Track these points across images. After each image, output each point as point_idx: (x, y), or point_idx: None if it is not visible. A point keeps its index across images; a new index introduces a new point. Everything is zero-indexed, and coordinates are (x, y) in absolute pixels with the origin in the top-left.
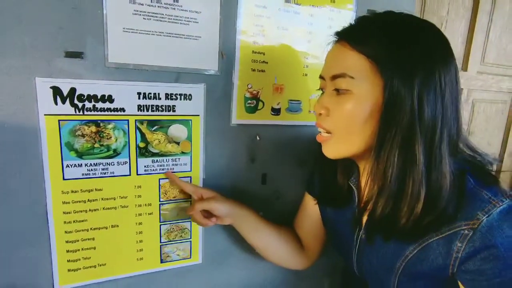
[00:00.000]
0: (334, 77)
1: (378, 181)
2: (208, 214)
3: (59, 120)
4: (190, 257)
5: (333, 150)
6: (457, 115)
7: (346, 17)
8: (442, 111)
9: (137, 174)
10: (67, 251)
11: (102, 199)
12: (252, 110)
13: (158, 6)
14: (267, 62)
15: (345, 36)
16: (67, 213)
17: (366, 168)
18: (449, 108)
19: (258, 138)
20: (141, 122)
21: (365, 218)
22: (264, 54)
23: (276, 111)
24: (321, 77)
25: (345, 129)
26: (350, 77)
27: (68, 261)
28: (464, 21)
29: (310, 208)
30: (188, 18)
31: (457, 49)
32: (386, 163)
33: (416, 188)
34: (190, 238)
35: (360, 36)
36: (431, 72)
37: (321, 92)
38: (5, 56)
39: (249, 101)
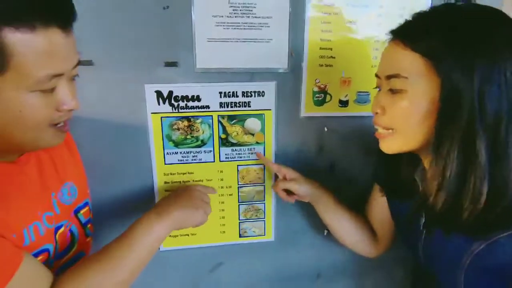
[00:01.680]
0: (389, 77)
1: (437, 178)
2: (290, 191)
3: (161, 117)
4: (264, 235)
5: (390, 146)
6: None
7: (421, 5)
8: (507, 106)
9: (220, 161)
10: None
11: (193, 180)
12: (320, 103)
13: (235, 16)
14: (334, 57)
15: (398, 35)
16: (168, 190)
17: (430, 158)
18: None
19: (326, 129)
20: (223, 117)
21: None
22: (331, 50)
23: (343, 103)
24: (376, 75)
25: (402, 127)
26: (404, 77)
27: None
28: None
29: (379, 197)
30: (260, 23)
31: None
32: (445, 161)
33: (478, 185)
34: (264, 218)
35: (413, 33)
36: (494, 64)
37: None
38: (123, 69)
39: (317, 95)
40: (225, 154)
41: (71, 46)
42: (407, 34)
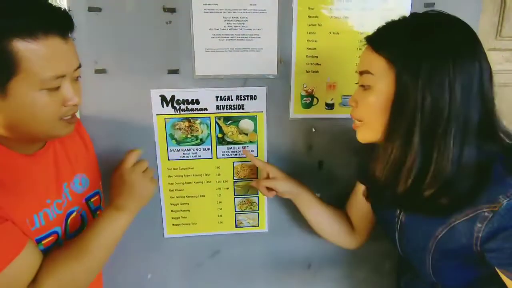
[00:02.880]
0: (361, 73)
1: (383, 162)
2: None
3: (165, 118)
4: (258, 225)
5: (362, 135)
6: (478, 104)
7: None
8: (449, 102)
9: (217, 158)
10: (171, 211)
11: (193, 175)
12: (308, 106)
13: (229, 29)
14: (320, 64)
15: (368, 41)
16: (171, 183)
17: None
18: (461, 98)
19: (313, 129)
20: (219, 118)
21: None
22: (317, 57)
23: (330, 106)
24: (357, 72)
25: (369, 118)
26: (371, 74)
27: (172, 218)
28: None
29: (360, 194)
30: (252, 35)
31: None
32: (391, 148)
33: (415, 167)
34: (258, 210)
35: (378, 40)
36: (439, 65)
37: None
38: (133, 76)
39: (305, 98)
40: (222, 152)
41: (70, 51)
42: (375, 40)
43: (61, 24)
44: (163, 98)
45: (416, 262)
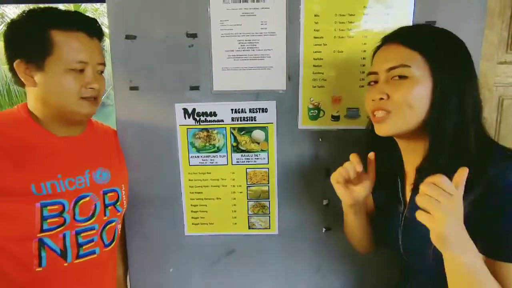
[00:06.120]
0: (392, 69)
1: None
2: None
3: (187, 128)
4: (270, 228)
5: (389, 126)
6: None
7: None
8: (477, 97)
9: (232, 164)
10: (191, 211)
11: (211, 179)
12: (315, 117)
13: (243, 50)
14: (326, 79)
15: (397, 38)
16: (191, 186)
17: (411, 147)
18: (477, 95)
19: (320, 139)
20: (234, 128)
21: (408, 197)
22: (323, 74)
23: (335, 118)
24: (372, 73)
25: (406, 107)
26: (408, 66)
27: (192, 217)
28: None
29: (369, 201)
30: (263, 55)
31: None
32: (451, 134)
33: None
34: (269, 213)
35: (410, 37)
36: (470, 65)
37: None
38: (160, 92)
39: (312, 111)
40: (236, 159)
41: (94, 47)
42: (405, 37)
43: (87, 26)
44: (185, 111)
45: (417, 260)
